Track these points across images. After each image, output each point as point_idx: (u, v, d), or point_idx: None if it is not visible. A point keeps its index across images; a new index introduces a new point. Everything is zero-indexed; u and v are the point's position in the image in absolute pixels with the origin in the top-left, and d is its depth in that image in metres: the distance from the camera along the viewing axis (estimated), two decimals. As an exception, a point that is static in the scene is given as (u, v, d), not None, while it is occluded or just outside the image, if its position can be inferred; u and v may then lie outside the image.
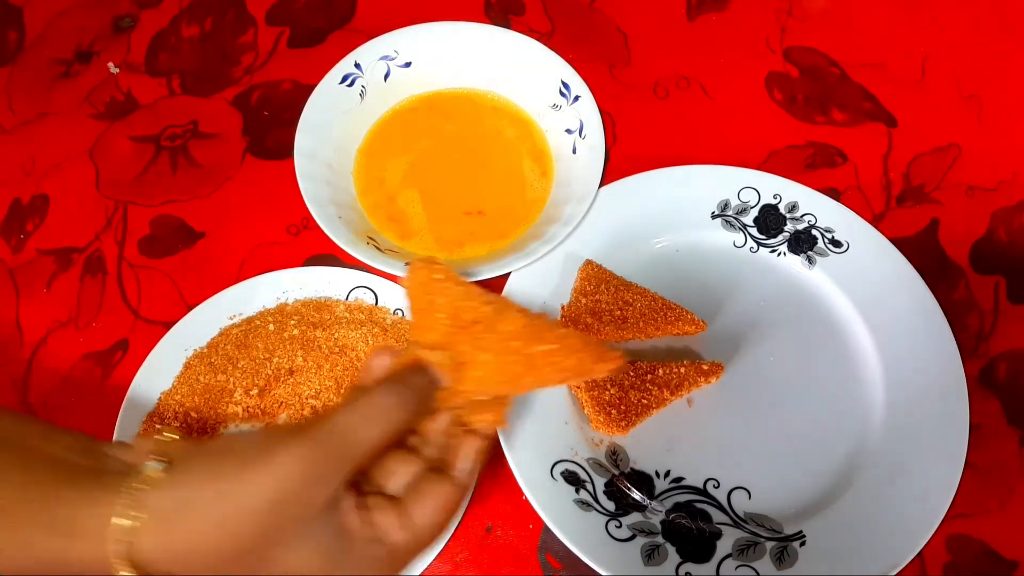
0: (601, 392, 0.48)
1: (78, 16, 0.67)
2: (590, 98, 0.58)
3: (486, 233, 0.56)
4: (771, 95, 0.62)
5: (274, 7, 0.66)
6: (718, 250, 0.56)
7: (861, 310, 0.53)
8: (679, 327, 0.51)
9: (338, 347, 0.52)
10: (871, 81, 0.63)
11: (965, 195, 0.59)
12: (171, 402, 0.50)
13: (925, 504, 0.47)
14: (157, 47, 0.65)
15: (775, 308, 0.54)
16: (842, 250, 0.55)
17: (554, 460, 0.48)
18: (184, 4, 0.67)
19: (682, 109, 0.62)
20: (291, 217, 0.57)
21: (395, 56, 0.60)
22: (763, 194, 0.56)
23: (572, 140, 0.57)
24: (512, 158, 0.58)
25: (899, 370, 0.51)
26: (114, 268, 0.56)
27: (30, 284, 0.56)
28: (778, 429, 0.50)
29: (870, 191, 0.58)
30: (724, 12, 0.66)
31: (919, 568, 0.47)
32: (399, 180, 0.58)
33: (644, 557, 0.45)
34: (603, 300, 0.51)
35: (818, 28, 0.65)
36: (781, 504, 0.48)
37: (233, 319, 0.53)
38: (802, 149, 0.60)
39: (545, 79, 0.59)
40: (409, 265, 0.37)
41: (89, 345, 0.54)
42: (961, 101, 0.62)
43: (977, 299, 0.55)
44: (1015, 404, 0.52)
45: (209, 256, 0.56)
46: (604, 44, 0.64)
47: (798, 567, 0.46)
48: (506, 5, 0.66)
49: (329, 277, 0.55)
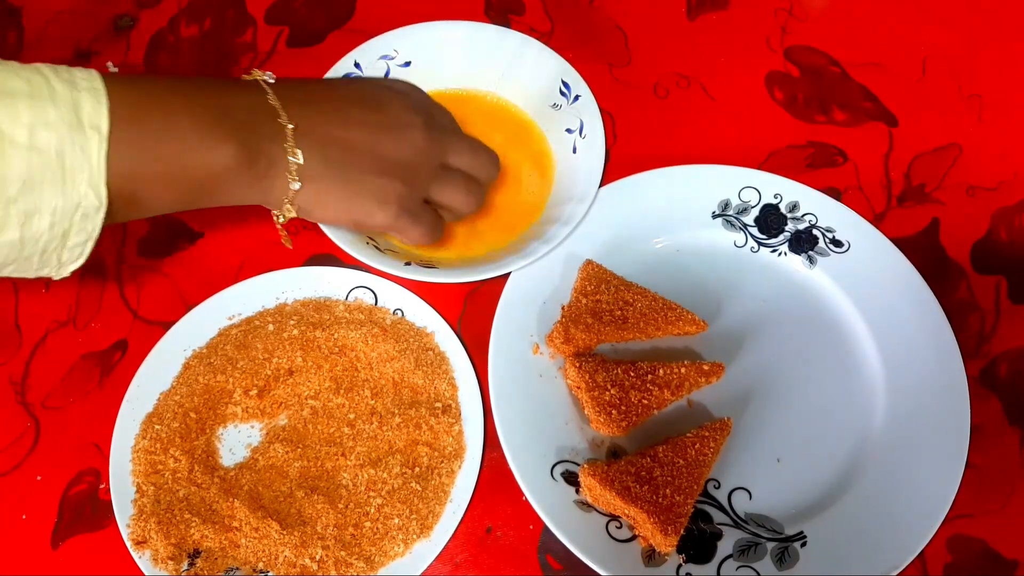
0: (601, 392, 0.48)
1: (77, 16, 0.67)
2: (590, 98, 0.58)
3: (486, 233, 0.56)
4: (772, 94, 0.62)
5: (273, 7, 0.66)
6: (719, 250, 0.56)
7: (862, 310, 0.53)
8: (680, 327, 0.51)
9: (338, 347, 0.52)
10: (872, 81, 0.63)
11: (966, 195, 0.58)
12: (170, 402, 0.50)
13: (926, 504, 0.47)
14: (156, 47, 0.64)
15: (776, 308, 0.54)
16: (843, 250, 0.55)
17: (554, 460, 0.48)
18: (183, 4, 0.67)
19: (682, 109, 0.61)
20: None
21: (395, 56, 0.60)
22: (764, 194, 0.56)
23: (572, 140, 0.57)
24: (512, 158, 0.58)
25: (900, 370, 0.51)
26: (113, 268, 0.56)
27: (29, 284, 0.56)
28: (779, 429, 0.50)
29: (871, 191, 0.58)
30: (725, 11, 0.66)
31: (920, 568, 0.47)
32: (399, 180, 0.57)
33: (644, 558, 0.45)
34: (603, 300, 0.51)
35: (819, 27, 0.65)
36: (782, 505, 0.48)
37: (232, 319, 0.53)
38: (803, 149, 0.60)
39: (545, 79, 0.59)
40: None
41: (88, 345, 0.53)
42: (962, 100, 0.62)
43: (978, 299, 0.55)
44: (1016, 404, 0.52)
45: (208, 256, 0.56)
46: (604, 44, 0.64)
47: (799, 568, 0.46)
48: (506, 5, 0.66)
49: (328, 277, 0.54)
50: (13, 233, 0.34)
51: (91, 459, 0.50)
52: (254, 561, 0.46)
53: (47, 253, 0.36)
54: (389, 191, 0.45)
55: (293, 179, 0.42)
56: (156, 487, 0.48)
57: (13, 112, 0.33)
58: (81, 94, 0.35)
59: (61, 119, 0.34)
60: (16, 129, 0.33)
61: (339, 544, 0.46)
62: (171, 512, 0.47)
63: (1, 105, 0.33)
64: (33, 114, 0.34)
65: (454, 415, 0.50)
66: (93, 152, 0.35)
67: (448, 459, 0.49)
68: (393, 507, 0.47)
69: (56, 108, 0.34)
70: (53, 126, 0.34)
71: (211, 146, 0.39)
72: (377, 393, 0.51)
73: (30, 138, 0.34)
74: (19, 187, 0.33)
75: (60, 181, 0.34)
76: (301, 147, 0.42)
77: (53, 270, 0.38)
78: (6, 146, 0.33)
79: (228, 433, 0.50)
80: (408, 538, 0.46)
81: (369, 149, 0.44)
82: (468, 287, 0.55)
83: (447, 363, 0.52)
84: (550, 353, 0.51)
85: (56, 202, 0.35)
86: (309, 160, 0.42)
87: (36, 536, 0.48)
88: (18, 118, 0.33)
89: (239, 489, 0.48)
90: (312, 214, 0.45)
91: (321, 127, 0.43)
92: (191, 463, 0.48)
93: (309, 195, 0.43)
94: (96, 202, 0.36)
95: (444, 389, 0.50)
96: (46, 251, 0.36)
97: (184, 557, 0.46)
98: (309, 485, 0.48)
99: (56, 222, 0.35)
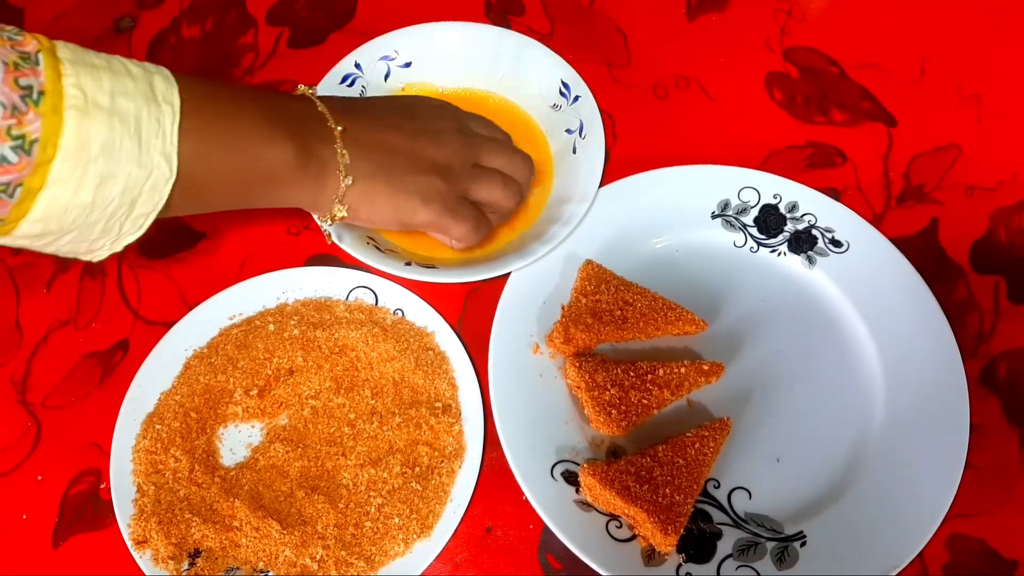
0: (601, 392, 0.48)
1: (78, 17, 0.67)
2: (590, 98, 0.58)
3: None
4: (771, 95, 0.62)
5: (274, 7, 0.66)
6: (718, 250, 0.56)
7: (861, 310, 0.53)
8: (679, 327, 0.51)
9: (338, 347, 0.52)
10: (871, 81, 0.63)
11: (965, 195, 0.58)
12: (171, 402, 0.50)
13: (925, 504, 0.47)
14: (157, 48, 0.65)
15: (775, 308, 0.54)
16: (842, 250, 0.55)
17: (554, 460, 0.48)
18: (184, 5, 0.67)
19: (682, 109, 0.62)
20: (291, 217, 0.57)
21: (395, 56, 0.60)
22: (763, 194, 0.56)
23: (572, 140, 0.57)
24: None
25: (899, 370, 0.51)
26: (114, 268, 0.56)
27: (30, 284, 0.56)
28: (779, 429, 0.50)
29: (870, 191, 0.58)
30: (724, 12, 0.66)
31: (919, 568, 0.47)
32: (399, 180, 0.58)
33: (644, 558, 0.45)
34: (603, 300, 0.51)
35: (818, 28, 0.65)
36: (781, 504, 0.48)
37: (233, 319, 0.53)
38: (802, 149, 0.60)
39: (545, 79, 0.59)
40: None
41: (89, 345, 0.54)
42: (961, 101, 0.62)
43: (977, 299, 0.55)
44: (1015, 404, 0.52)
45: (209, 256, 0.56)
46: (604, 44, 0.64)
47: (799, 567, 0.46)
48: (506, 5, 0.66)
49: (329, 277, 0.55)
50: (87, 195, 0.35)
51: (92, 459, 0.50)
52: (254, 561, 0.46)
53: (112, 220, 0.37)
54: (431, 189, 0.47)
55: (344, 177, 0.45)
56: (157, 487, 0.48)
57: (96, 78, 0.35)
58: (153, 76, 0.37)
59: (138, 91, 0.36)
60: (99, 94, 0.35)
61: (339, 544, 0.46)
62: (172, 512, 0.47)
63: (85, 72, 0.35)
64: (114, 84, 0.35)
65: (454, 415, 0.50)
66: (168, 123, 0.37)
67: (448, 459, 0.49)
68: (393, 507, 0.47)
69: (134, 82, 0.36)
70: (131, 96, 0.36)
71: (273, 141, 0.42)
72: (377, 393, 0.51)
73: (112, 103, 0.35)
74: (99, 149, 0.35)
75: (136, 148, 0.36)
76: (348, 149, 0.45)
77: (111, 240, 0.38)
78: (91, 108, 0.34)
79: (229, 433, 0.51)
80: (408, 538, 0.47)
81: (408, 151, 0.47)
82: (468, 287, 0.55)
83: (447, 363, 0.52)
84: (550, 353, 0.51)
85: (131, 168, 0.36)
86: (355, 160, 0.45)
87: (37, 536, 0.48)
88: (101, 85, 0.35)
89: (239, 489, 0.48)
90: (359, 213, 0.47)
91: (364, 132, 0.46)
92: (192, 463, 0.48)
93: (357, 195, 0.46)
94: (167, 172, 0.37)
95: (444, 389, 0.51)
96: (112, 218, 0.37)
97: (184, 557, 0.46)
98: (309, 485, 0.48)
99: (128, 188, 0.36)
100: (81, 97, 0.34)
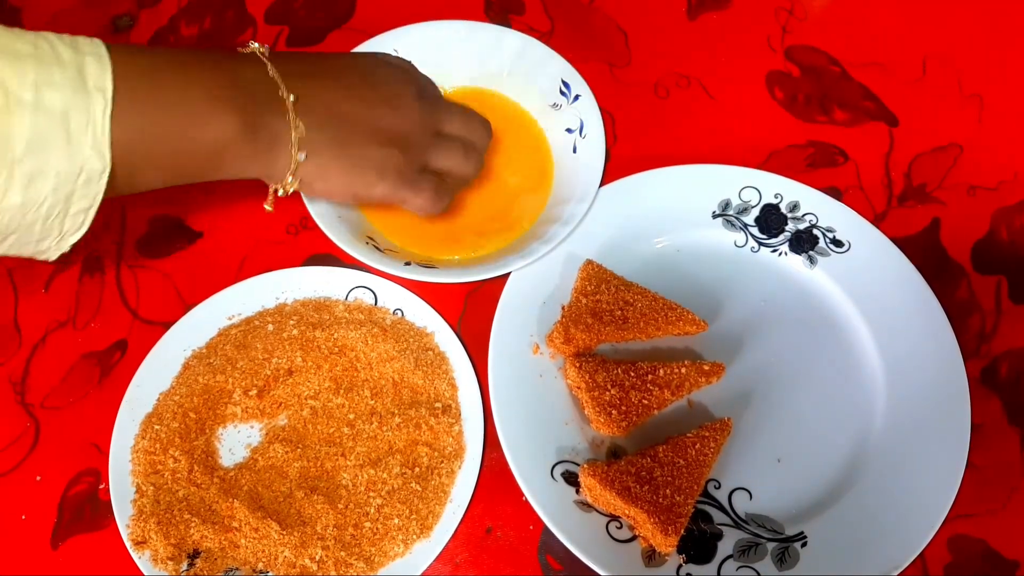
0: (602, 393, 0.48)
1: (76, 16, 0.67)
2: (590, 97, 0.58)
3: (486, 233, 0.55)
4: (772, 94, 0.62)
5: (273, 6, 0.66)
6: (719, 250, 0.55)
7: (862, 310, 0.53)
8: (680, 327, 0.50)
9: (337, 347, 0.52)
10: (872, 80, 0.63)
11: (966, 195, 0.58)
12: (170, 403, 0.50)
13: (926, 505, 0.47)
14: (156, 46, 0.65)
15: (776, 308, 0.54)
16: (843, 250, 0.55)
17: (554, 461, 0.48)
18: (183, 3, 0.67)
19: (682, 108, 0.61)
20: (290, 217, 0.57)
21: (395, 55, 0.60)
22: (764, 194, 0.56)
23: (572, 139, 0.57)
24: (512, 157, 0.58)
25: (900, 370, 0.51)
26: (112, 268, 0.56)
27: (28, 284, 0.56)
28: (779, 429, 0.50)
29: (871, 191, 0.58)
30: (725, 11, 0.66)
31: (920, 569, 0.47)
32: (399, 180, 0.57)
33: (644, 558, 0.45)
34: (603, 300, 0.51)
35: (819, 27, 0.65)
36: (782, 505, 0.48)
37: (232, 319, 0.53)
38: (803, 148, 0.60)
39: (545, 78, 0.59)
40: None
41: (88, 345, 0.53)
42: (962, 100, 0.62)
43: (978, 299, 0.55)
44: (1017, 404, 0.52)
45: (208, 256, 0.56)
46: (604, 43, 0.64)
47: (799, 568, 0.46)
48: (506, 4, 0.65)
49: (328, 277, 0.54)
50: (16, 197, 0.34)
51: (91, 459, 0.50)
52: (254, 561, 0.46)
53: (50, 220, 0.36)
54: (389, 162, 0.45)
55: (297, 151, 0.42)
56: (156, 487, 0.48)
57: (20, 71, 0.33)
58: (85, 58, 0.35)
59: (66, 80, 0.34)
60: (22, 89, 0.33)
61: (339, 544, 0.46)
62: (171, 512, 0.47)
63: (7, 65, 0.33)
64: (39, 75, 0.33)
65: (454, 415, 0.50)
66: (98, 114, 0.35)
67: (448, 459, 0.49)
68: (393, 507, 0.47)
69: (62, 70, 0.34)
70: (58, 87, 0.34)
71: (215, 117, 0.39)
72: (377, 393, 0.51)
73: (36, 98, 0.33)
74: (24, 147, 0.33)
75: (65, 143, 0.34)
76: (302, 120, 0.42)
77: (55, 241, 0.37)
78: (12, 105, 0.33)
79: (228, 433, 0.50)
80: (408, 538, 0.46)
81: (366, 121, 0.45)
82: (468, 287, 0.55)
83: (447, 363, 0.51)
84: (550, 353, 0.51)
85: (60, 164, 0.34)
86: (310, 132, 0.43)
87: (36, 536, 0.48)
88: (24, 77, 0.33)
89: (239, 489, 0.48)
90: (313, 187, 0.45)
91: (320, 101, 0.44)
92: (191, 463, 0.48)
93: (310, 168, 0.43)
94: (100, 165, 0.35)
95: (444, 389, 0.50)
96: (49, 217, 0.36)
97: (184, 557, 0.46)
98: (309, 485, 0.48)
99: (59, 185, 0.35)
100: (2, 93, 0.32)
